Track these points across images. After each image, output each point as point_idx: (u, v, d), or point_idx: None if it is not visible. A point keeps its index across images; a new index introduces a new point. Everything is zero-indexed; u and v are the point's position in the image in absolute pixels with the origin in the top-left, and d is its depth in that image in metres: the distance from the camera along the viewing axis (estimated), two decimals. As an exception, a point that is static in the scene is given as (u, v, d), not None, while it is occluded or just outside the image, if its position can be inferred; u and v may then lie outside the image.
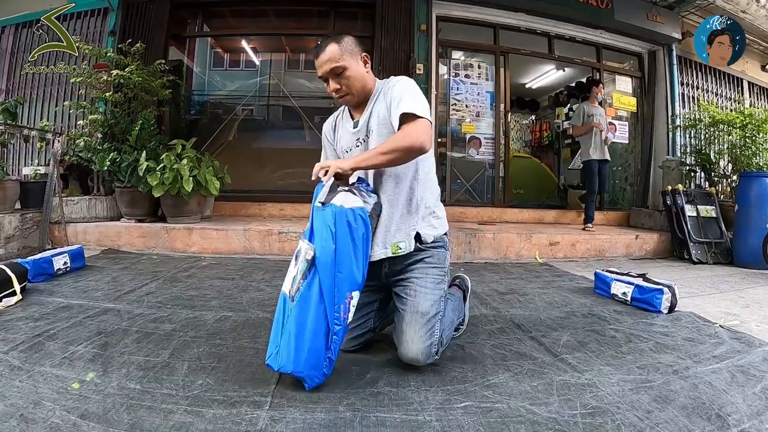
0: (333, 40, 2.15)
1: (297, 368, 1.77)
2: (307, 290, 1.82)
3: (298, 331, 1.79)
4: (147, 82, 5.66)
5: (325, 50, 2.13)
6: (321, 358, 1.80)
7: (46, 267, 3.51)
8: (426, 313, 2.00)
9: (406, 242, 2.13)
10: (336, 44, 2.13)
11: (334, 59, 2.11)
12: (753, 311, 3.29)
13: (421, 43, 7.06)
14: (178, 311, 2.80)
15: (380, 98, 2.19)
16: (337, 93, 2.19)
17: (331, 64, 2.12)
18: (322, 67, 2.15)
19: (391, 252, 2.12)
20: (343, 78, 2.14)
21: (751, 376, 2.04)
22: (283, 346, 1.81)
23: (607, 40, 8.17)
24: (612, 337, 2.57)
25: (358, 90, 2.19)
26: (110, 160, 5.12)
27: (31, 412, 1.52)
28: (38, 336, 2.23)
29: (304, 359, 1.77)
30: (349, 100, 2.24)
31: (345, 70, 2.13)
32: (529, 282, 4.10)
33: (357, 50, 2.19)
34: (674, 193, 5.95)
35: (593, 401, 1.76)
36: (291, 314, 1.83)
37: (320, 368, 1.80)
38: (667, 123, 8.07)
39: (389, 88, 2.16)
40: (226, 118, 8.07)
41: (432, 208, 2.23)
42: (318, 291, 1.81)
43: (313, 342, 1.78)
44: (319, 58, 2.14)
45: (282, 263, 4.56)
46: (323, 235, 1.84)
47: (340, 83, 2.15)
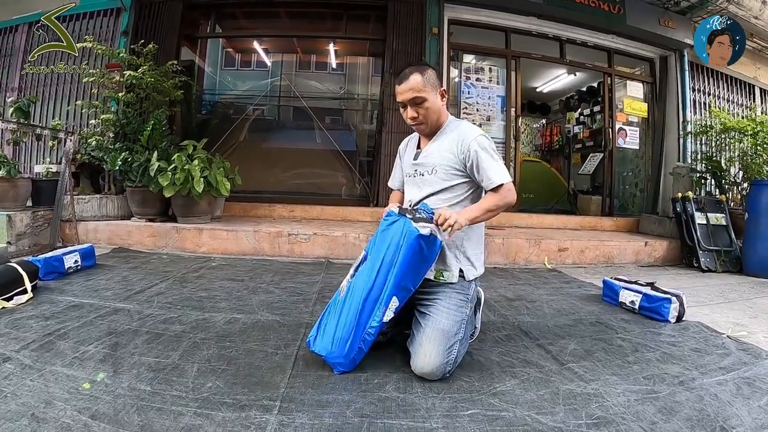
0: (417, 70, 2.31)
1: (330, 355, 2.03)
2: (350, 289, 2.12)
3: (338, 323, 2.06)
4: (159, 83, 5.68)
5: (409, 79, 2.30)
6: (354, 348, 2.02)
7: (57, 265, 3.55)
8: (448, 332, 2.08)
9: (450, 273, 2.30)
10: (420, 75, 2.29)
11: (417, 89, 2.28)
12: (761, 322, 3.27)
13: (433, 46, 7.06)
14: (187, 312, 2.82)
15: (449, 138, 2.37)
16: (413, 120, 2.37)
17: (413, 93, 2.29)
18: (403, 94, 2.32)
19: (433, 276, 2.27)
20: (422, 108, 2.32)
21: (757, 388, 2.04)
22: (326, 333, 2.09)
23: (618, 45, 8.13)
24: (619, 346, 2.57)
25: (432, 121, 2.38)
26: (122, 160, 5.16)
27: (43, 412, 1.55)
28: (49, 335, 2.26)
29: (339, 348, 2.02)
30: (422, 129, 2.43)
31: (425, 101, 2.30)
32: (537, 288, 4.10)
33: (437, 84, 2.35)
34: (684, 200, 5.93)
35: (599, 411, 1.76)
36: (336, 306, 2.13)
37: (351, 356, 2.03)
38: (678, 129, 8.02)
39: (467, 143, 2.28)
40: (237, 118, 8.12)
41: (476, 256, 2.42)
42: (362, 291, 2.07)
43: (351, 334, 2.02)
44: (402, 85, 2.32)
45: (291, 265, 4.59)
46: (389, 241, 2.12)
47: (418, 112, 2.33)
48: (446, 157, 2.32)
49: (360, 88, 8.98)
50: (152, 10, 6.94)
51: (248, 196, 6.92)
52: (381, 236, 2.18)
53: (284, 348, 2.30)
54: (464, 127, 2.38)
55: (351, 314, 2.04)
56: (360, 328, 2.03)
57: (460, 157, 2.29)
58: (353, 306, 2.05)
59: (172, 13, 7.00)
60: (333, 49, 8.65)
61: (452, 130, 2.38)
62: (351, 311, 2.04)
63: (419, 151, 2.47)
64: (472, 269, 2.37)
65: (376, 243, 2.18)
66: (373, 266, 2.10)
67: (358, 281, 2.12)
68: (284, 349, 2.28)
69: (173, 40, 6.94)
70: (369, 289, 2.05)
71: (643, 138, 8.51)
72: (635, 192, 8.68)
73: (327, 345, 2.05)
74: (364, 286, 2.07)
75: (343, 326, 2.04)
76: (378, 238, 2.19)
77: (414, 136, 2.63)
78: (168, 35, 6.89)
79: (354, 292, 2.09)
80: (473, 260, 2.39)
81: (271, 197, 7.17)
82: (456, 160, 2.30)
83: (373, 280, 2.06)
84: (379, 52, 7.64)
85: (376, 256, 2.11)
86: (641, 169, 8.63)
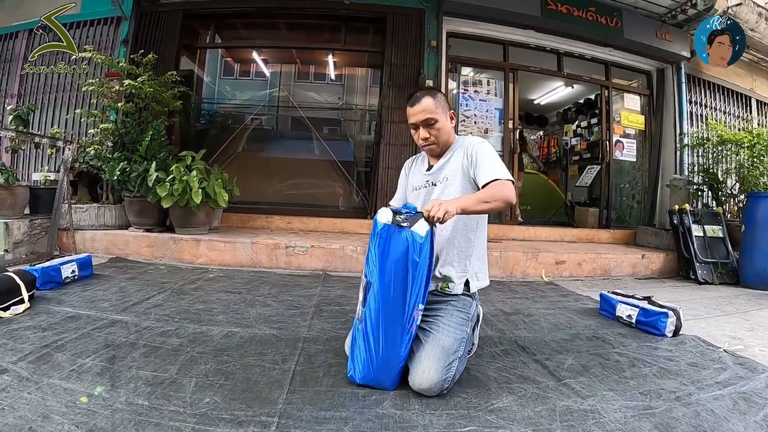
0: (429, 94, 2.43)
1: (380, 383, 2.07)
2: (368, 310, 2.09)
3: (371, 351, 2.07)
4: (158, 93, 5.71)
5: (421, 102, 2.40)
6: (396, 371, 2.08)
7: (55, 275, 3.55)
8: (447, 349, 2.08)
9: (455, 285, 2.36)
10: (432, 98, 2.40)
11: (429, 111, 2.39)
12: (758, 335, 3.28)
13: (431, 59, 7.10)
14: (185, 325, 2.82)
15: (457, 152, 2.45)
16: (425, 141, 2.45)
17: (426, 115, 2.39)
18: (416, 116, 2.41)
19: (439, 287, 2.34)
20: (433, 129, 2.42)
21: (753, 403, 2.05)
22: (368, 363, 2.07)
23: (615, 58, 8.18)
24: (616, 361, 2.57)
25: (443, 142, 2.47)
26: (120, 170, 5.16)
27: (41, 425, 1.54)
28: (46, 347, 2.26)
29: (384, 375, 2.07)
30: (432, 149, 2.50)
31: (436, 122, 2.41)
32: (534, 302, 4.10)
33: (447, 107, 2.47)
34: (681, 213, 5.95)
35: (595, 428, 1.76)
36: (358, 331, 2.13)
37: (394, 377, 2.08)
38: (675, 141, 8.06)
39: (470, 147, 2.39)
40: (236, 128, 8.12)
41: (481, 268, 2.49)
42: (376, 310, 2.06)
43: (379, 362, 2.06)
44: (414, 108, 2.42)
45: (288, 277, 4.59)
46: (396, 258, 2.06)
47: (430, 133, 2.42)
48: (456, 168, 2.39)
49: (358, 99, 9.02)
50: (152, 20, 6.97)
51: (246, 207, 6.93)
52: (383, 257, 2.08)
53: (282, 363, 2.30)
54: (470, 139, 2.46)
55: (383, 346, 2.05)
56: (397, 358, 2.07)
57: (466, 161, 2.36)
58: (382, 337, 2.05)
59: (172, 23, 7.03)
60: (332, 60, 8.71)
61: (460, 146, 2.45)
62: (382, 342, 2.05)
63: (431, 165, 2.54)
64: (476, 281, 2.42)
65: (381, 264, 2.08)
66: (386, 291, 2.06)
67: (374, 308, 2.07)
68: (282, 364, 2.28)
69: (173, 50, 6.98)
70: (394, 319, 2.04)
71: (640, 150, 8.55)
72: (632, 204, 8.70)
73: (370, 375, 2.07)
74: (387, 316, 2.04)
75: (377, 356, 2.05)
76: (379, 258, 2.09)
77: (421, 156, 2.69)
78: (168, 45, 6.92)
79: (376, 322, 2.06)
80: (478, 272, 2.45)
81: (269, 208, 7.18)
82: (465, 167, 2.36)
83: (393, 307, 2.05)
84: (377, 63, 7.70)
85: (388, 280, 2.06)
86: (638, 182, 8.66)
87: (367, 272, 2.11)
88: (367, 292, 2.08)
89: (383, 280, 2.04)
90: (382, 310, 2.04)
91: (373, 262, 2.09)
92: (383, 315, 2.03)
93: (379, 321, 2.04)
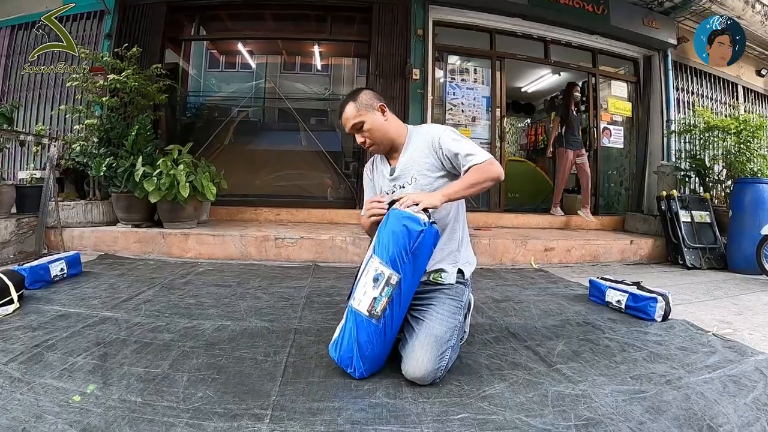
0: (350, 99, 2.41)
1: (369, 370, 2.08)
2: (391, 311, 2.01)
3: (385, 345, 2.07)
4: (143, 87, 5.64)
5: (344, 110, 2.40)
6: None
7: (43, 274, 3.52)
8: (440, 338, 2.07)
9: (447, 274, 2.33)
10: (352, 103, 2.39)
11: (352, 116, 2.38)
12: (746, 318, 3.33)
13: (418, 47, 7.07)
14: (176, 320, 2.81)
15: (415, 147, 2.40)
16: (364, 145, 2.45)
17: (351, 121, 2.39)
18: (345, 126, 2.43)
19: (430, 278, 2.31)
20: (365, 131, 2.39)
21: (743, 386, 2.07)
22: (365, 358, 2.04)
23: (602, 45, 8.20)
24: (606, 346, 2.60)
25: (380, 139, 2.42)
26: (106, 165, 5.12)
27: (34, 426, 1.53)
28: (37, 346, 2.24)
29: (379, 364, 2.10)
30: (375, 149, 2.50)
31: (363, 124, 2.38)
32: (524, 289, 4.13)
33: (373, 102, 2.41)
34: (669, 199, 6.00)
35: (587, 412, 1.78)
36: (375, 331, 2.02)
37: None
38: (662, 128, 8.10)
39: (432, 139, 2.34)
40: (222, 121, 8.05)
41: (468, 255, 2.51)
42: (398, 305, 2.02)
43: (387, 349, 2.10)
44: (341, 119, 2.43)
45: (278, 269, 4.58)
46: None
47: (364, 136, 2.41)
48: (421, 162, 2.34)
49: (345, 89, 8.97)
50: (136, 13, 6.86)
51: (234, 200, 6.89)
52: (416, 256, 2.05)
53: (274, 355, 2.30)
54: (426, 129, 2.46)
55: (392, 335, 2.08)
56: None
57: (434, 155, 2.33)
58: (394, 327, 2.07)
59: (156, 16, 6.94)
60: (318, 50, 8.64)
61: (416, 137, 2.42)
62: (393, 332, 2.07)
63: (393, 168, 2.46)
64: (468, 266, 2.44)
65: (414, 262, 2.05)
66: (412, 289, 2.10)
67: (399, 307, 2.05)
68: (274, 356, 2.28)
69: (157, 43, 6.88)
70: (399, 307, 2.05)
71: (627, 137, 8.61)
72: (620, 191, 8.76)
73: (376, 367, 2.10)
74: (396, 307, 2.04)
75: (384, 348, 2.08)
76: (413, 256, 2.04)
77: (380, 156, 2.63)
78: (152, 38, 6.83)
79: (398, 318, 2.08)
80: (468, 258, 2.48)
81: (258, 201, 7.14)
82: (432, 161, 2.32)
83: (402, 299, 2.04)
84: (364, 53, 7.65)
85: (417, 278, 2.11)
86: (626, 168, 8.72)
87: (395, 267, 1.99)
88: (395, 289, 2.00)
89: (413, 278, 2.06)
90: (404, 307, 2.07)
91: (400, 257, 1.99)
92: (402, 307, 2.06)
93: (399, 316, 2.07)
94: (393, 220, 2.04)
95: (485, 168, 2.17)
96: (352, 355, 2.04)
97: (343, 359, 2.07)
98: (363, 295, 2.04)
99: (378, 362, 2.08)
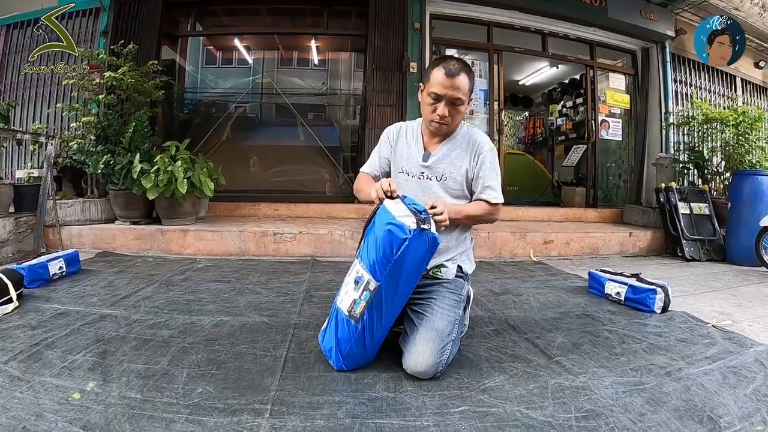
0: (466, 71, 2.23)
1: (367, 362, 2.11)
2: (370, 316, 1.98)
3: (366, 349, 2.05)
4: (140, 84, 5.62)
5: (459, 77, 2.19)
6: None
7: (42, 272, 3.50)
8: (441, 332, 2.06)
9: (447, 270, 2.33)
10: (468, 79, 2.24)
11: (462, 91, 2.22)
12: (745, 310, 3.33)
13: (415, 41, 7.05)
14: (175, 316, 2.80)
15: (462, 148, 2.35)
16: (441, 119, 2.26)
17: (458, 93, 2.21)
18: (447, 90, 2.20)
19: (431, 273, 2.29)
20: (455, 110, 2.25)
21: (743, 377, 2.08)
22: (344, 355, 2.05)
23: (600, 38, 8.17)
24: (606, 338, 2.60)
25: (455, 125, 2.36)
26: (104, 163, 5.10)
27: (34, 425, 1.53)
28: (36, 345, 2.23)
29: (362, 362, 2.09)
30: (443, 129, 2.32)
31: (462, 105, 2.26)
32: (523, 282, 4.13)
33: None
34: (667, 191, 6.00)
35: (587, 404, 1.78)
36: (354, 332, 2.01)
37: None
38: (661, 120, 8.08)
39: (479, 151, 2.32)
40: (220, 117, 8.05)
41: (469, 250, 2.51)
42: (378, 311, 1.97)
43: (372, 350, 2.08)
44: (451, 81, 2.19)
45: (277, 264, 4.58)
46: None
47: (450, 112, 2.24)
48: (458, 165, 2.32)
49: (342, 83, 8.98)
50: (132, 9, 6.82)
51: (232, 196, 6.87)
52: (399, 264, 1.92)
53: (273, 350, 2.30)
54: (478, 134, 2.40)
55: (376, 342, 2.07)
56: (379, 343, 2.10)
57: (472, 164, 2.31)
58: (375, 331, 2.02)
59: (151, 12, 6.90)
60: (314, 45, 8.63)
61: (464, 136, 2.38)
62: (375, 334, 2.03)
63: (428, 153, 2.38)
64: (468, 265, 2.44)
65: (395, 270, 1.93)
66: (394, 295, 2.02)
67: (380, 311, 1.99)
68: (273, 351, 2.27)
69: (153, 40, 6.85)
70: (379, 311, 1.99)
71: (625, 129, 8.58)
72: (619, 183, 8.77)
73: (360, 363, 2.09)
74: (374, 311, 1.99)
75: (372, 348, 2.08)
76: (394, 264, 1.92)
77: (411, 128, 2.50)
78: (148, 34, 6.79)
79: (377, 321, 2.01)
80: (469, 256, 2.48)
81: (256, 196, 7.13)
82: (466, 167, 2.32)
83: (382, 302, 1.98)
84: (360, 47, 7.64)
85: (402, 287, 2.01)
86: (624, 161, 8.72)
87: (373, 273, 1.92)
88: (374, 295, 1.93)
89: (398, 287, 1.95)
90: (389, 316, 2.03)
91: (381, 263, 1.90)
92: (386, 314, 2.00)
93: (382, 326, 2.03)
94: (378, 223, 1.96)
95: (492, 210, 2.30)
96: (332, 347, 2.09)
97: (325, 349, 2.15)
98: (345, 294, 2.06)
99: (359, 361, 2.07)
